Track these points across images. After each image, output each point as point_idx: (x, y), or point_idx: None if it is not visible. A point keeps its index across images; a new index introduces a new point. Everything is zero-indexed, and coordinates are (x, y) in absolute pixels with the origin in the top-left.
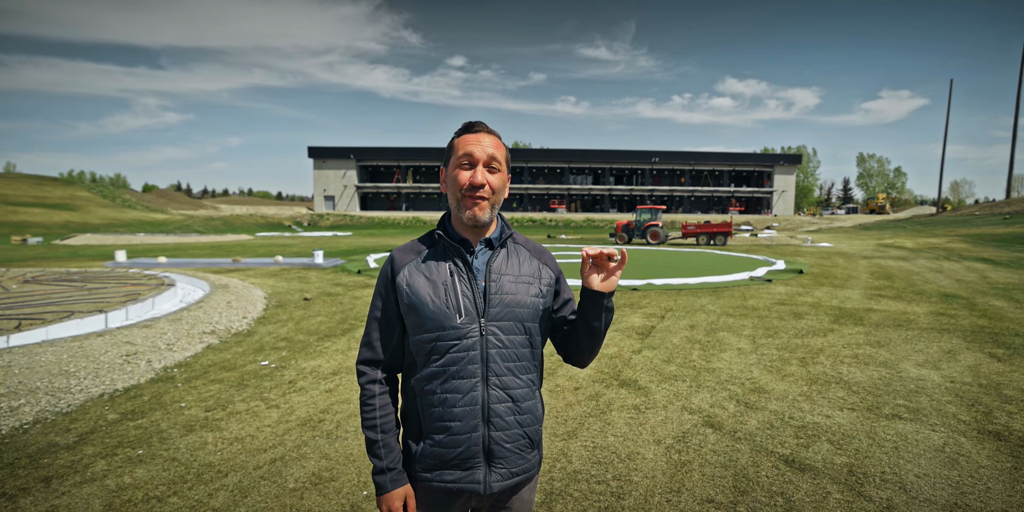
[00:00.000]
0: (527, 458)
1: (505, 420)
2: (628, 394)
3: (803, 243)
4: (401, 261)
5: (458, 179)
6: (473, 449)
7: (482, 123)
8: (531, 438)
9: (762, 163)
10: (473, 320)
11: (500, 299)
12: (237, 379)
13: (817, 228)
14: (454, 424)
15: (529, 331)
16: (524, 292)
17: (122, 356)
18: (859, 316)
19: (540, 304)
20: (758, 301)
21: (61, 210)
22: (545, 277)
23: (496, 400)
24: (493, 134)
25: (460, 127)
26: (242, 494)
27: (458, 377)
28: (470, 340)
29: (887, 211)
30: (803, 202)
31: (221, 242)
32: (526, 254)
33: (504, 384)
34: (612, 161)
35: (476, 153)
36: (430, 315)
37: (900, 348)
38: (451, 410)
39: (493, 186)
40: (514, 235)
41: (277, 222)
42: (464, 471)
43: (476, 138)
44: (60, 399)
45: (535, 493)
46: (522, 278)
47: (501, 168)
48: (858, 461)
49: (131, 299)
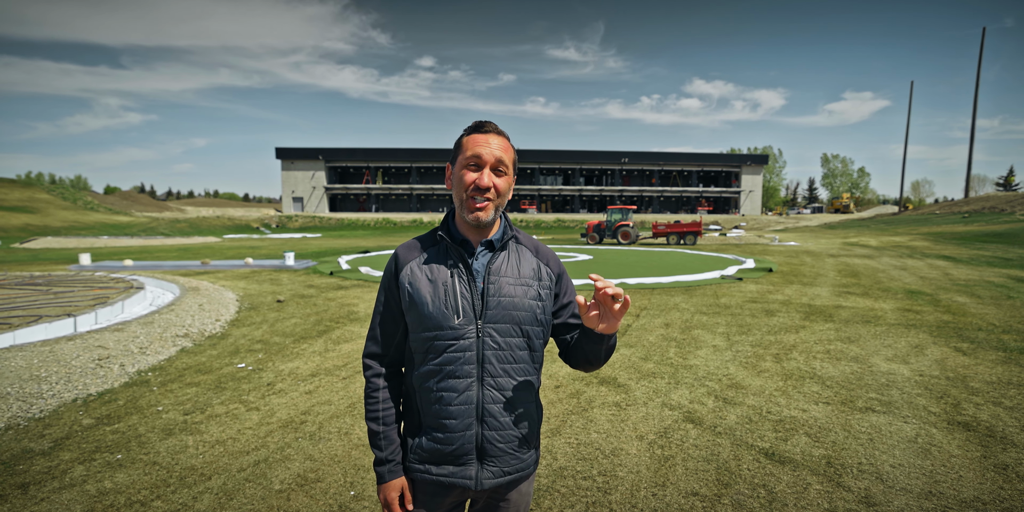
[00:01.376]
0: (521, 458)
1: (499, 420)
2: (608, 391)
3: (771, 242)
4: (405, 259)
5: (464, 180)
6: (467, 447)
7: (492, 123)
8: (526, 439)
9: (730, 163)
10: (470, 321)
11: (498, 301)
12: (214, 382)
13: (784, 227)
14: (449, 422)
15: (527, 334)
16: (523, 295)
17: (94, 360)
18: (829, 313)
19: (539, 307)
20: (730, 299)
21: (19, 213)
22: (545, 279)
23: (490, 400)
24: (502, 135)
25: (470, 125)
26: (227, 496)
27: (454, 376)
28: (467, 341)
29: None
30: (770, 202)
31: (188, 244)
32: (528, 255)
33: (499, 385)
34: (582, 162)
35: (484, 155)
36: (429, 315)
37: (870, 343)
38: (447, 408)
39: (499, 189)
40: (517, 235)
41: (245, 224)
42: (457, 466)
43: (485, 139)
44: (32, 405)
45: (532, 486)
46: (522, 280)
47: (508, 171)
48: (835, 453)
49: (100, 303)
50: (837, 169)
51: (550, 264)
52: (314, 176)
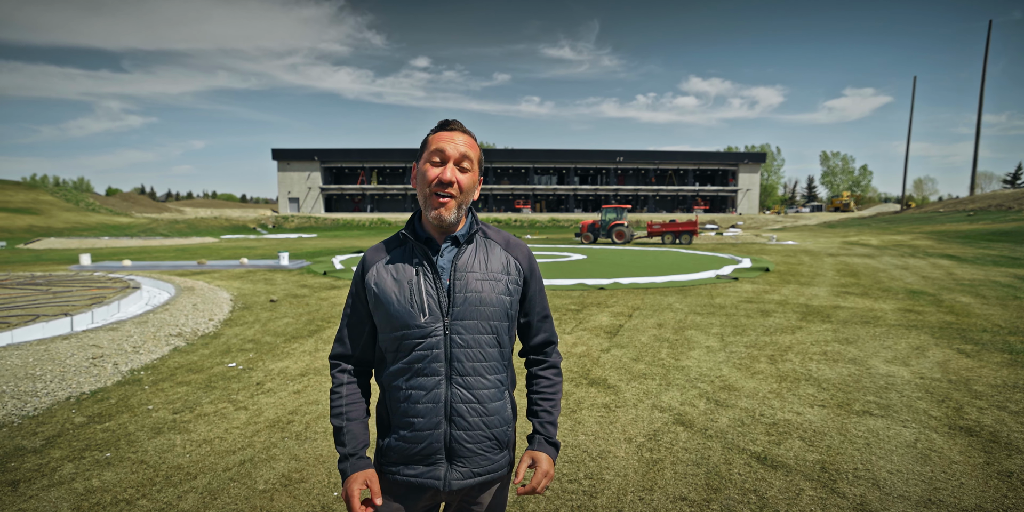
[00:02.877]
0: (492, 459)
1: (468, 420)
2: (598, 393)
3: (768, 241)
4: (371, 260)
5: (427, 175)
6: (435, 446)
7: (458, 121)
8: (498, 439)
9: (726, 162)
10: (437, 319)
11: (464, 297)
12: (204, 381)
13: (782, 226)
14: (417, 420)
15: (496, 330)
16: (490, 290)
17: (88, 359)
18: (827, 313)
19: (508, 302)
20: (725, 299)
21: (24, 214)
22: (514, 272)
23: (459, 399)
24: (468, 134)
25: (436, 124)
26: (212, 496)
27: (422, 374)
28: (434, 338)
29: (851, 209)
30: (768, 200)
31: (186, 245)
32: (497, 249)
33: (468, 384)
34: (577, 161)
35: (448, 150)
36: (395, 313)
37: (868, 345)
38: (415, 406)
39: (462, 185)
40: (485, 230)
41: (242, 224)
42: (426, 466)
43: (450, 136)
44: (26, 402)
45: (507, 490)
46: (490, 275)
47: (472, 168)
48: (830, 458)
49: (96, 302)
50: (837, 167)
51: (519, 258)
52: (310, 177)
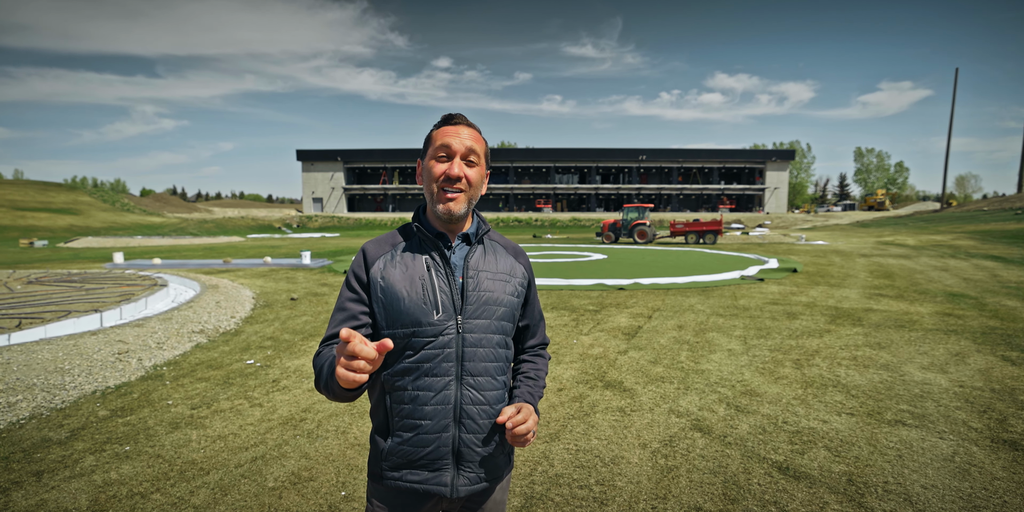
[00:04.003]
0: (498, 463)
1: (478, 423)
2: (613, 396)
3: (797, 241)
4: (375, 254)
5: (434, 171)
6: (442, 450)
7: (462, 115)
8: (503, 442)
9: (753, 160)
10: (450, 317)
11: (478, 296)
12: (223, 377)
13: (812, 226)
14: (424, 423)
15: (505, 330)
16: (501, 290)
17: (114, 354)
18: (857, 316)
19: (516, 303)
20: (749, 301)
21: (65, 214)
22: (519, 276)
23: (469, 401)
24: (473, 127)
25: (439, 119)
26: (222, 492)
27: (431, 374)
28: (446, 337)
29: (887, 207)
30: (797, 199)
31: (213, 244)
32: (502, 251)
33: (479, 385)
34: (599, 160)
35: (454, 145)
36: (406, 310)
37: (903, 350)
38: (421, 408)
39: (470, 179)
40: (490, 232)
41: (267, 224)
42: (431, 472)
43: (455, 130)
44: (55, 395)
45: (507, 493)
46: (499, 276)
47: (479, 162)
48: (858, 469)
49: (125, 299)
50: (872, 164)
51: (522, 262)
52: (333, 177)
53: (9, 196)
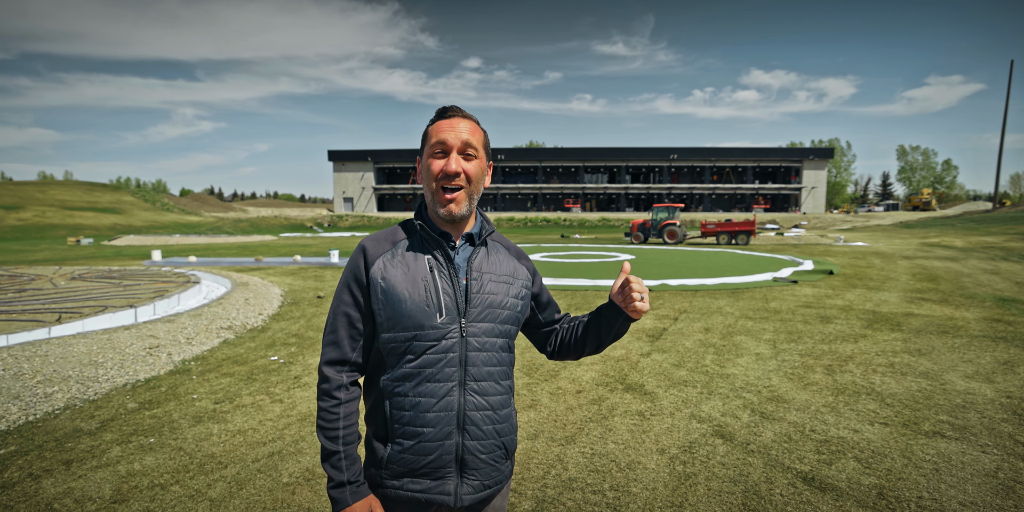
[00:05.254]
0: (501, 469)
1: (482, 429)
2: (633, 399)
3: (834, 242)
4: (375, 252)
5: (432, 168)
6: (445, 458)
7: (456, 107)
8: (507, 448)
9: (790, 158)
10: (454, 320)
11: (482, 299)
12: (247, 373)
13: (851, 226)
14: (426, 430)
15: (509, 334)
16: (505, 293)
17: (145, 349)
18: (896, 321)
19: (520, 306)
20: (781, 303)
21: (109, 213)
22: (522, 277)
23: (473, 407)
24: (469, 118)
25: (434, 113)
26: (238, 486)
27: (433, 380)
28: (450, 341)
29: (933, 207)
30: (836, 199)
31: (247, 242)
32: (505, 252)
33: (483, 390)
34: (628, 159)
35: (450, 140)
36: (408, 312)
37: (945, 357)
38: (423, 415)
39: (470, 174)
40: (493, 233)
41: (299, 223)
42: (434, 481)
43: (450, 124)
44: (88, 387)
45: (507, 500)
46: (503, 278)
47: (478, 155)
48: (890, 483)
49: (159, 295)
50: (916, 162)
51: (525, 263)
52: (363, 177)
53: (59, 196)
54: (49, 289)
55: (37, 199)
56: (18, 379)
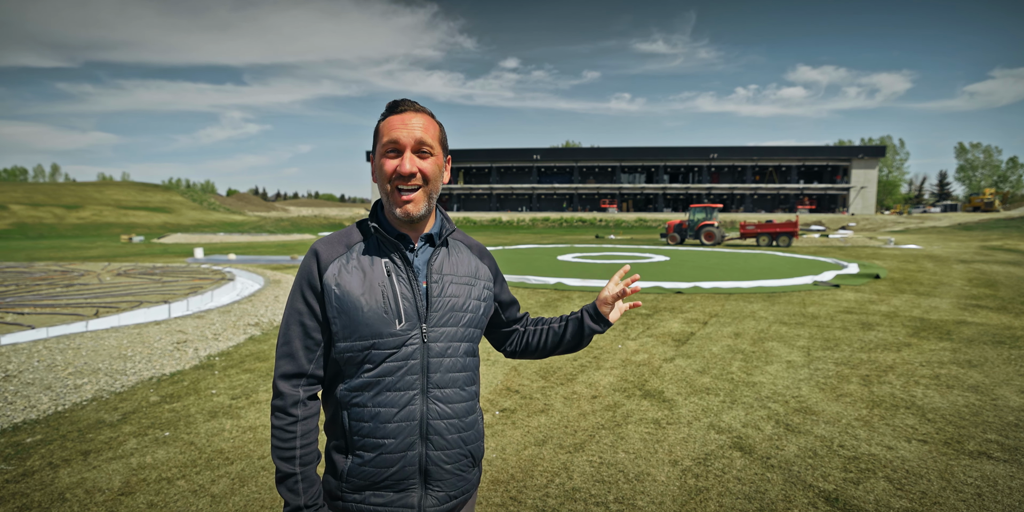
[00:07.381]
0: (467, 478)
1: (446, 438)
2: (650, 406)
3: (884, 244)
4: (328, 256)
5: (384, 169)
6: (408, 469)
7: (408, 101)
8: (473, 456)
9: (837, 157)
10: (414, 326)
11: (443, 302)
12: (267, 369)
13: (904, 228)
14: (387, 441)
15: (472, 337)
16: (466, 295)
17: (173, 344)
18: (946, 329)
19: (482, 308)
20: (820, 308)
21: (160, 213)
22: (484, 278)
23: (436, 415)
24: (423, 112)
25: (385, 108)
26: (241, 483)
27: (393, 389)
28: (410, 348)
29: (996, 208)
30: (888, 199)
31: (287, 241)
32: (467, 252)
33: (446, 397)
34: (667, 158)
35: (402, 138)
36: (365, 320)
37: (999, 370)
38: (384, 426)
39: (426, 173)
40: (455, 232)
41: (338, 223)
42: (397, 493)
43: (402, 120)
44: (116, 380)
45: (473, 508)
46: (464, 279)
47: (434, 151)
48: (924, 507)
49: (194, 292)
50: (977, 160)
51: (486, 262)
52: None
53: (115, 196)
54: (95, 284)
55: (95, 199)
56: (51, 370)
